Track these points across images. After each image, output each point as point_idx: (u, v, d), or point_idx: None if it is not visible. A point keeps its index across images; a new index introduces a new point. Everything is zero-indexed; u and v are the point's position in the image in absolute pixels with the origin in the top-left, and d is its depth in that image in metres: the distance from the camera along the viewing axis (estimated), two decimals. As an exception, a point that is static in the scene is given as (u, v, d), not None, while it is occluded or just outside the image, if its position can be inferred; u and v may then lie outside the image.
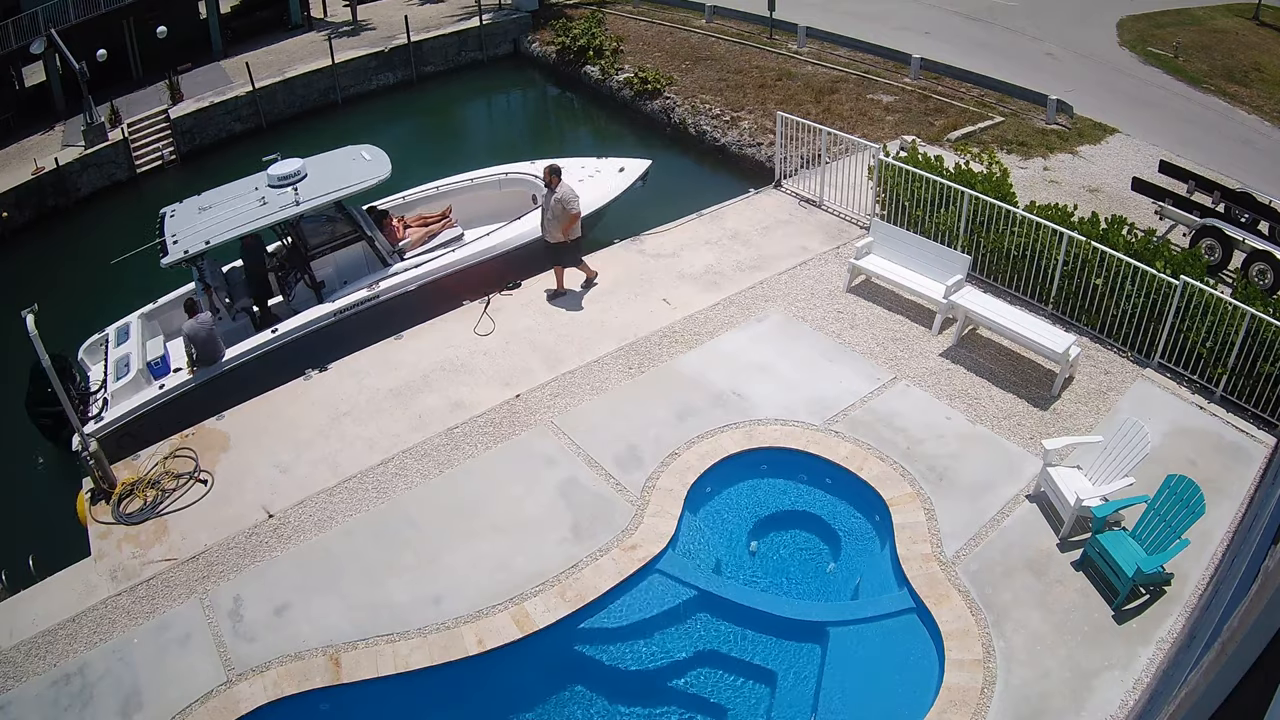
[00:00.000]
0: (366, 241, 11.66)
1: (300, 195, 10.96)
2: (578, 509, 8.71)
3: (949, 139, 16.55)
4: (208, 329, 10.54)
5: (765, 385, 10.13)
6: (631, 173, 13.87)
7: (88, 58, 20.47)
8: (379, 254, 11.63)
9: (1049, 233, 10.83)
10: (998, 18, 24.81)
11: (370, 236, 11.70)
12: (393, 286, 11.58)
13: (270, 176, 11.26)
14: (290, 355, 10.91)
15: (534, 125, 25.33)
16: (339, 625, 7.69)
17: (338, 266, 11.75)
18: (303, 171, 11.33)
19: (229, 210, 11.10)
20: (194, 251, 10.64)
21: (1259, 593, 2.76)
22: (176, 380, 10.65)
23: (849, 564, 8.42)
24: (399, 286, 11.60)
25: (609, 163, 14.11)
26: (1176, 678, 5.57)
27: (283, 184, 11.13)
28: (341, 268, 11.78)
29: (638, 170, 13.98)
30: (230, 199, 11.37)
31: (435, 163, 22.18)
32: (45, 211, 18.87)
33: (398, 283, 11.64)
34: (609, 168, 13.94)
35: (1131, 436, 8.13)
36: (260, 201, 11.03)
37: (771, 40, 23.06)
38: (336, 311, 11.15)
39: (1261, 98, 20.54)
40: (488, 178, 14.02)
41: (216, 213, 11.10)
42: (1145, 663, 7.01)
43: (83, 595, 8.18)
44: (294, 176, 11.20)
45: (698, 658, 7.71)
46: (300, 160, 11.58)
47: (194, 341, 10.47)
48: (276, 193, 11.09)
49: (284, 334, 11.01)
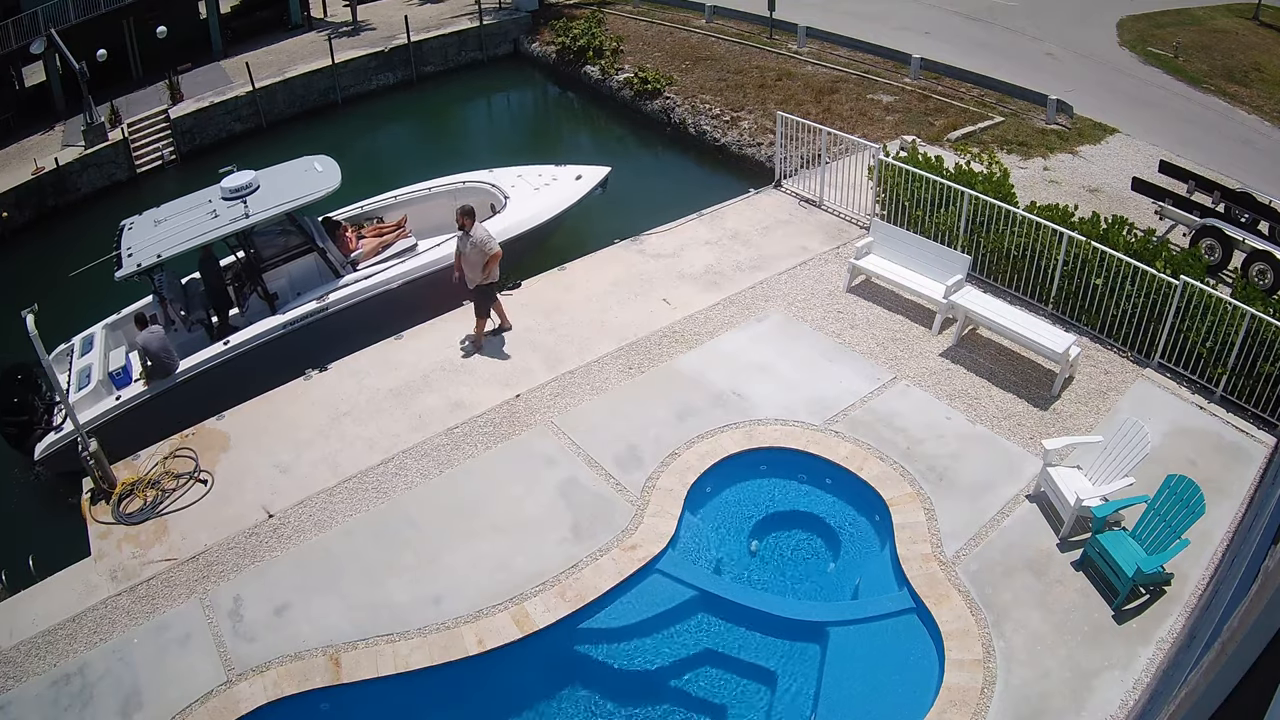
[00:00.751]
0: (318, 253, 11.66)
1: (250, 208, 10.99)
2: (578, 509, 8.71)
3: (949, 139, 16.55)
4: (160, 341, 10.58)
5: (765, 385, 10.13)
6: (589, 180, 13.85)
7: (88, 58, 20.48)
8: (331, 265, 11.62)
9: (1049, 233, 10.84)
10: (998, 18, 24.81)
11: (322, 248, 11.70)
12: (344, 298, 11.53)
13: (223, 189, 11.28)
14: (248, 366, 10.92)
15: (534, 125, 25.33)
16: (339, 625, 7.69)
17: (291, 278, 11.78)
18: (254, 184, 11.35)
19: (183, 223, 11.12)
20: (147, 265, 10.67)
21: (1259, 593, 2.76)
22: (133, 392, 10.68)
23: (849, 564, 8.42)
24: (351, 297, 11.56)
25: (566, 170, 14.06)
26: (1176, 678, 5.57)
27: (234, 197, 11.15)
28: (295, 279, 11.80)
29: (596, 177, 13.94)
30: (185, 212, 11.40)
31: (435, 163, 22.19)
32: (45, 211, 18.87)
33: (350, 294, 11.60)
34: (566, 175, 13.92)
35: (1131, 436, 8.13)
36: (212, 214, 11.06)
37: (771, 40, 23.06)
38: (288, 323, 11.15)
39: (1261, 98, 20.54)
40: (444, 186, 13.98)
41: (171, 225, 11.12)
42: (1145, 663, 7.01)
43: (83, 595, 8.18)
44: (245, 189, 11.22)
45: (698, 658, 7.71)
46: (253, 173, 11.57)
47: (147, 354, 10.52)
48: (228, 206, 11.12)
49: (235, 346, 11.02)
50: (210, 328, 11.66)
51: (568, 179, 13.81)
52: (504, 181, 13.76)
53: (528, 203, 13.23)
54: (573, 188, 13.66)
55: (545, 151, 23.32)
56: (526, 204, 13.21)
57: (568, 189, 13.63)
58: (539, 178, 13.81)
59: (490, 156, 22.98)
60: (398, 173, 21.38)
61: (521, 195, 13.39)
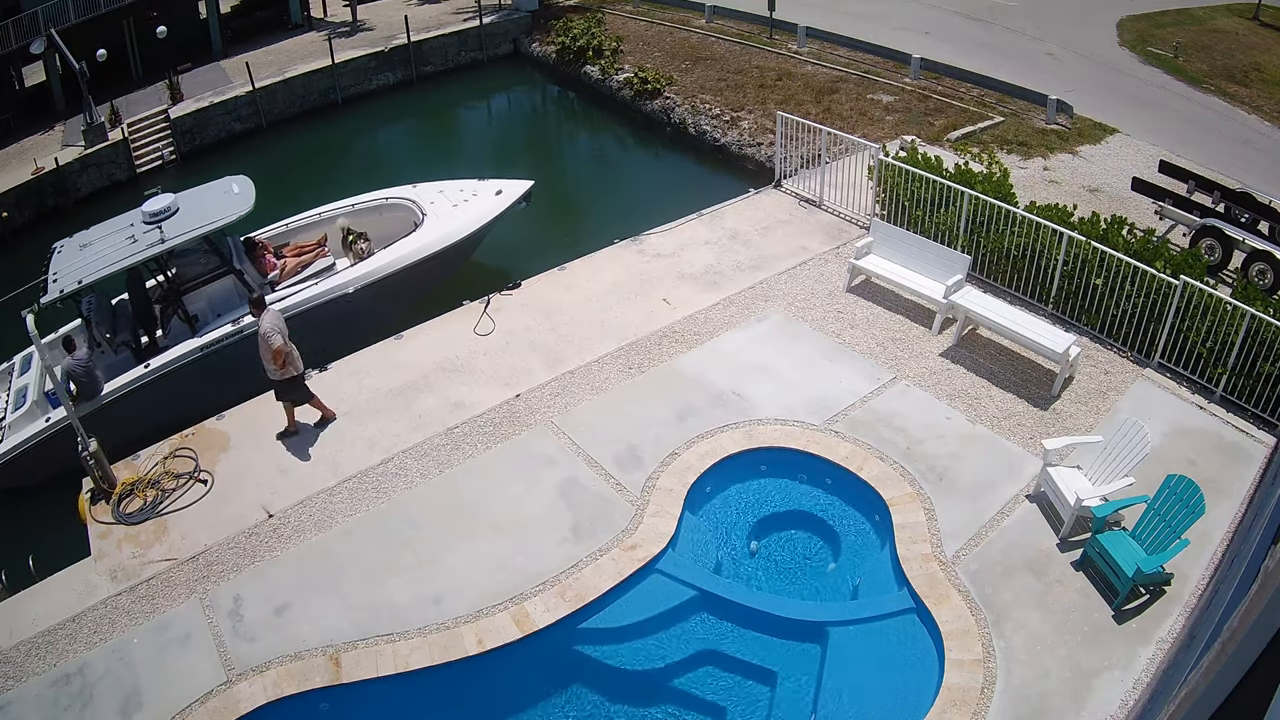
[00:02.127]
0: (235, 275, 11.68)
1: (165, 233, 11.03)
2: (578, 509, 8.71)
3: (949, 139, 16.55)
4: (83, 365, 10.62)
5: (765, 385, 10.13)
6: (510, 194, 13.73)
7: (88, 58, 20.47)
8: (248, 286, 11.64)
9: (1049, 233, 10.84)
10: (998, 18, 24.81)
11: (239, 270, 11.70)
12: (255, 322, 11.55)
13: (144, 213, 11.31)
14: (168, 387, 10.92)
15: (533, 125, 25.33)
16: (339, 625, 7.69)
17: (210, 300, 11.83)
18: (173, 207, 11.37)
19: (106, 247, 11.15)
20: (69, 291, 10.70)
21: (1259, 593, 2.76)
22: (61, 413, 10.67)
23: (849, 564, 8.42)
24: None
25: (487, 185, 13.93)
26: (1176, 678, 5.57)
27: (153, 221, 11.18)
28: (214, 301, 11.85)
29: (517, 191, 13.83)
30: (108, 235, 11.41)
31: (435, 162, 22.22)
32: (45, 211, 18.86)
33: None
34: (486, 190, 13.79)
35: (1131, 436, 8.13)
36: (131, 240, 11.09)
37: (771, 40, 23.06)
38: (204, 345, 11.17)
39: (1261, 98, 20.54)
40: (369, 203, 13.88)
41: (95, 249, 11.14)
42: (1145, 663, 7.01)
43: (83, 595, 8.18)
44: (163, 213, 11.25)
45: (698, 658, 7.71)
46: (173, 196, 11.59)
47: (72, 378, 10.58)
48: (145, 230, 11.16)
49: (156, 369, 11.02)
50: (136, 350, 11.65)
51: (488, 194, 13.68)
52: (424, 197, 13.60)
53: (446, 219, 13.07)
54: (492, 203, 13.52)
55: (544, 151, 23.38)
56: (444, 221, 13.04)
57: (487, 204, 13.48)
58: (459, 193, 13.69)
59: (490, 156, 23.03)
60: (397, 173, 21.41)
61: (440, 212, 13.22)
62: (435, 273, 12.84)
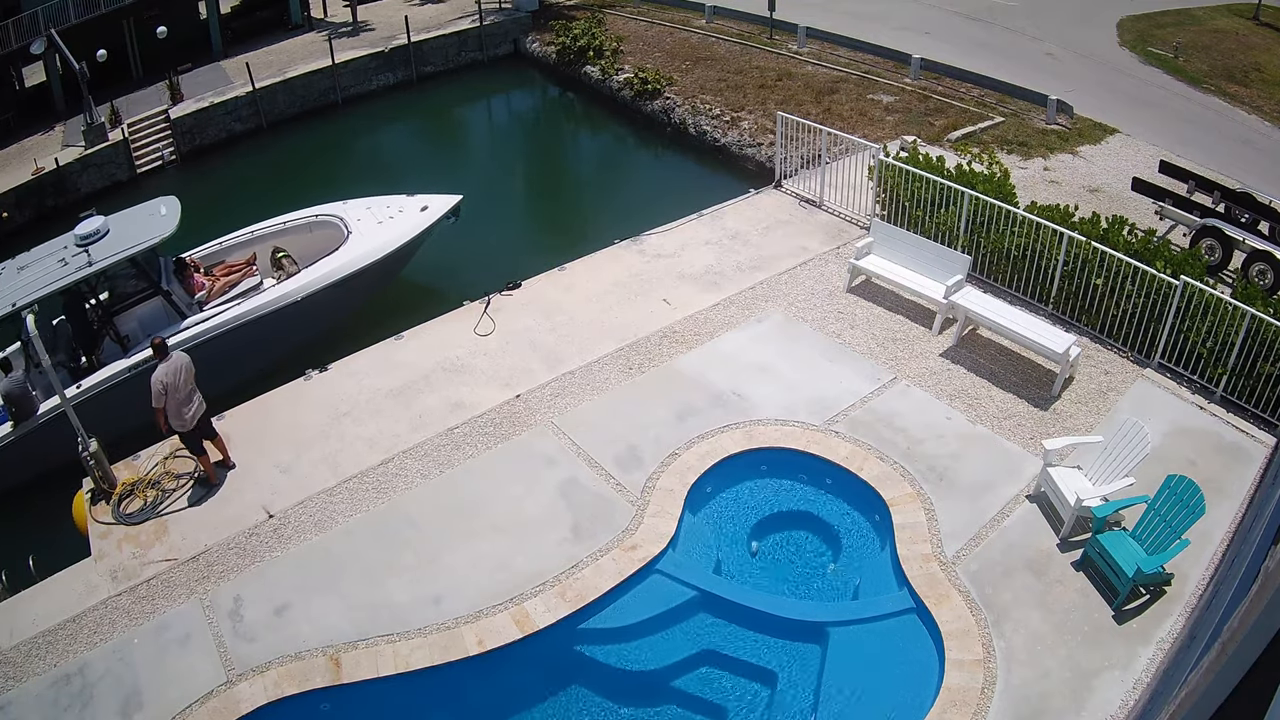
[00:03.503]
0: (162, 296, 11.73)
1: (92, 256, 11.11)
2: (578, 509, 8.71)
3: (949, 139, 16.55)
4: (20, 386, 10.68)
5: (765, 385, 10.13)
6: (436, 210, 13.69)
7: (88, 58, 20.47)
8: (175, 307, 11.71)
9: (1049, 233, 10.84)
10: (998, 18, 24.81)
11: (167, 290, 11.75)
12: (186, 339, 11.51)
13: (76, 236, 11.38)
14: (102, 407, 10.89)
15: (534, 126, 25.34)
16: (339, 625, 7.69)
17: (140, 320, 11.88)
18: (103, 230, 11.43)
19: (40, 270, 11.24)
20: (2, 314, 10.73)
21: (1259, 593, 2.77)
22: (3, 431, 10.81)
23: (849, 564, 8.42)
24: (193, 339, 11.55)
25: (414, 201, 13.89)
26: (1176, 678, 5.57)
27: (83, 243, 11.26)
28: (144, 321, 11.89)
29: (443, 207, 13.77)
30: (43, 258, 11.49)
31: (435, 162, 22.22)
32: (45, 212, 18.85)
33: (191, 335, 11.60)
34: (412, 206, 13.76)
35: (1131, 436, 8.13)
36: (62, 262, 11.19)
37: (771, 40, 23.06)
38: (132, 366, 11.22)
39: (1261, 98, 20.54)
40: (299, 220, 13.89)
41: (31, 272, 11.23)
42: (1145, 663, 7.01)
43: (83, 595, 8.18)
44: (93, 236, 11.30)
45: (698, 658, 7.72)
46: (103, 218, 11.64)
47: (8, 399, 10.64)
48: (74, 254, 11.24)
49: (87, 389, 11.07)
50: (73, 370, 11.68)
51: (413, 210, 13.67)
52: (352, 214, 13.58)
53: (369, 237, 13.05)
54: (417, 219, 13.51)
55: (545, 151, 23.38)
56: (368, 238, 13.02)
57: (412, 220, 13.48)
58: (386, 209, 13.68)
59: (490, 157, 23.04)
60: (397, 173, 21.41)
61: (364, 229, 13.20)
62: (359, 290, 12.85)
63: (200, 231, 14.02)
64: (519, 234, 18.06)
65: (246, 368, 11.57)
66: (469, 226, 17.83)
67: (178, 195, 12.57)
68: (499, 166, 22.42)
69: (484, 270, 13.86)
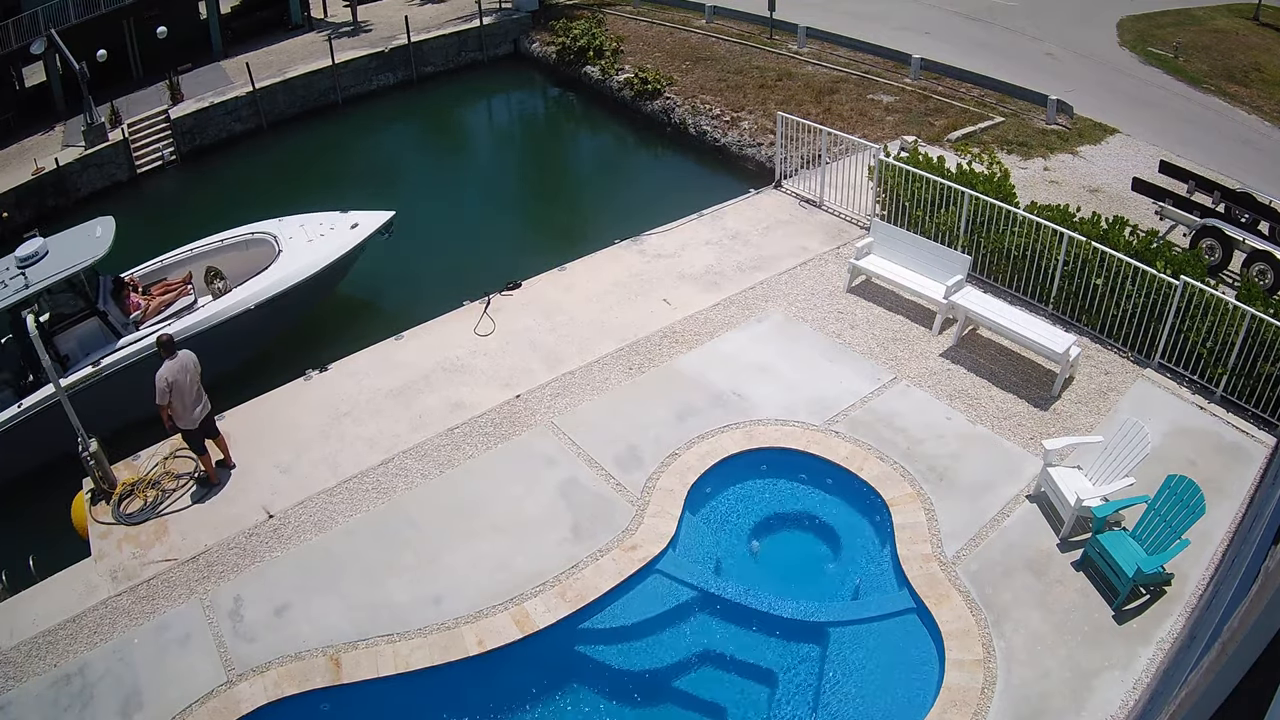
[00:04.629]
0: (99, 317, 11.76)
1: (29, 278, 11.19)
2: (578, 509, 8.71)
3: (949, 139, 16.55)
4: None
5: (765, 385, 10.13)
6: (366, 227, 13.65)
7: (88, 58, 20.47)
8: (111, 327, 11.75)
9: (1049, 233, 10.84)
10: (998, 18, 24.81)
11: (103, 311, 11.79)
12: (120, 359, 11.57)
13: (16, 258, 11.44)
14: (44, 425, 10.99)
15: (534, 126, 25.34)
16: (339, 625, 7.69)
17: (79, 340, 11.89)
18: (42, 252, 11.49)
19: None
20: None
21: (1259, 593, 2.77)
22: None
23: (849, 564, 8.42)
24: (128, 358, 11.59)
25: (346, 218, 13.84)
26: (1176, 678, 5.57)
27: (22, 266, 11.32)
28: (83, 341, 11.90)
29: (374, 224, 13.73)
30: None
31: (435, 163, 22.24)
32: (45, 212, 18.84)
33: (126, 355, 11.64)
34: (343, 224, 13.71)
35: (1131, 436, 8.13)
36: (2, 284, 11.27)
37: (772, 40, 23.06)
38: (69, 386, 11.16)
39: (1261, 98, 20.53)
40: (235, 238, 13.86)
41: None
42: (1145, 663, 7.01)
43: (83, 595, 8.18)
44: (32, 258, 11.37)
45: (698, 658, 7.72)
46: (42, 240, 11.71)
47: None
48: (13, 276, 11.32)
49: (28, 407, 11.16)
50: (17, 389, 11.74)
51: (344, 227, 13.63)
52: (284, 232, 13.55)
53: (300, 254, 13.02)
54: (347, 236, 13.47)
55: (545, 151, 23.38)
56: (298, 256, 12.99)
57: (343, 238, 13.44)
58: (318, 226, 13.65)
59: (489, 157, 23.04)
60: (397, 174, 21.42)
61: (295, 247, 13.17)
62: (289, 309, 12.82)
63: (199, 233, 14.03)
64: (519, 234, 18.07)
65: None
66: (469, 226, 17.88)
67: (178, 195, 12.63)
68: (498, 167, 22.42)
69: (484, 270, 13.86)
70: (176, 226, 16.60)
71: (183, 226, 12.91)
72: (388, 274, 15.48)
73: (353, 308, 14.77)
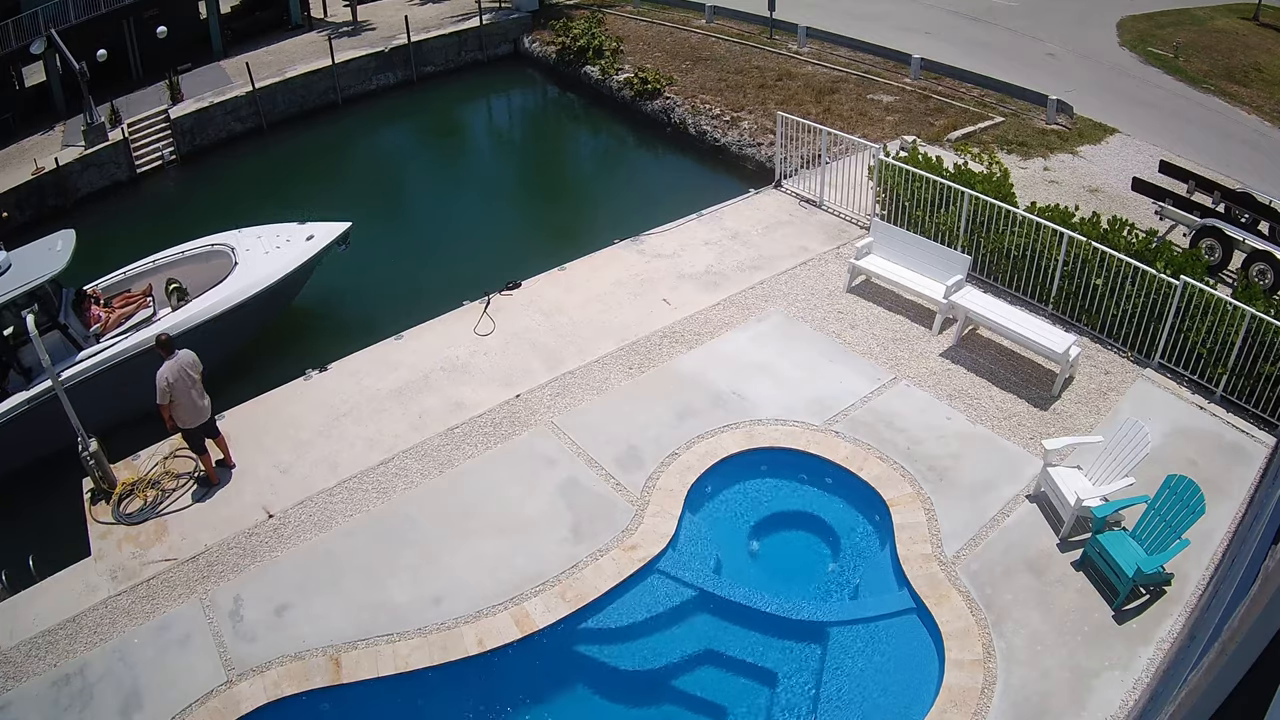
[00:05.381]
0: (59, 330, 11.74)
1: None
2: (578, 509, 8.71)
3: (949, 139, 16.55)
4: None
5: (765, 385, 10.13)
6: (322, 239, 13.59)
7: (88, 58, 20.45)
8: (72, 339, 11.75)
9: (1049, 233, 10.84)
10: (998, 18, 24.82)
11: (64, 324, 11.77)
12: (80, 371, 11.54)
13: None
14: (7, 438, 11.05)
15: (534, 126, 25.35)
16: (339, 625, 7.69)
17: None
18: (4, 265, 11.53)
19: None
20: None
21: (1259, 593, 2.76)
22: None
23: (849, 564, 8.42)
24: (87, 371, 11.57)
25: (302, 230, 13.75)
26: (1176, 678, 5.56)
27: None
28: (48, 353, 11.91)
29: (330, 235, 13.67)
30: None
31: (436, 163, 22.24)
32: (45, 212, 18.85)
33: (85, 368, 11.62)
34: (299, 235, 13.66)
35: (1131, 436, 8.13)
36: None
37: (772, 40, 23.06)
38: (31, 398, 11.30)
39: (1261, 98, 20.54)
40: (195, 250, 13.79)
41: None
42: (1145, 663, 7.01)
43: (83, 595, 8.18)
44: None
45: (698, 658, 7.71)
46: (5, 253, 11.75)
47: None
48: None
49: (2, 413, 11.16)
50: None
51: (300, 239, 13.59)
52: (242, 244, 13.50)
53: (256, 267, 12.99)
54: (303, 248, 13.42)
55: (545, 151, 23.38)
56: (254, 268, 12.96)
57: (298, 249, 13.40)
58: (275, 238, 13.62)
59: (489, 157, 23.04)
60: (396, 175, 21.42)
61: (251, 260, 13.12)
62: (246, 321, 12.78)
63: (199, 232, 14.03)
64: (519, 234, 18.07)
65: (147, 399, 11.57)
66: (469, 226, 17.88)
67: (178, 195, 12.59)
68: (498, 166, 22.43)
69: (484, 270, 13.87)
70: (176, 226, 16.58)
71: (183, 226, 12.90)
72: (387, 274, 15.49)
73: (352, 307, 14.77)
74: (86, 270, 13.16)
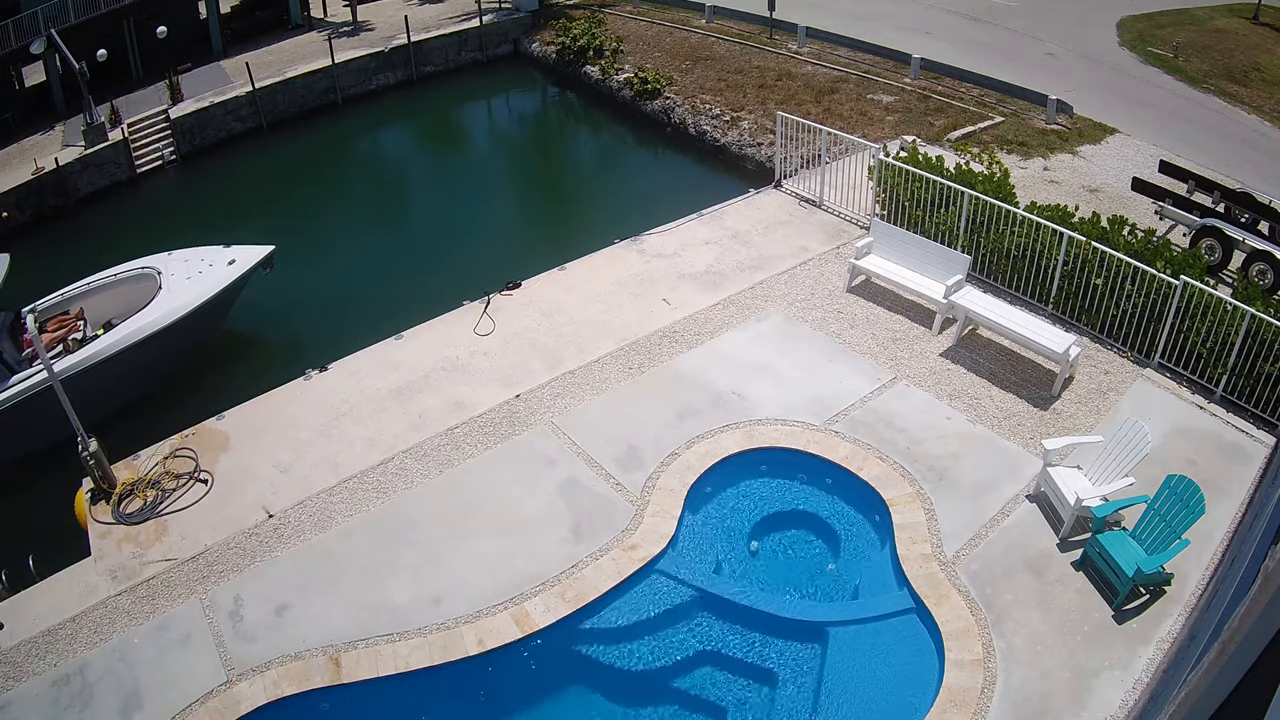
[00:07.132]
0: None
1: None
2: (578, 509, 8.71)
3: (949, 139, 16.55)
4: None
5: (765, 385, 10.13)
6: (244, 263, 13.45)
7: (88, 58, 20.45)
8: (5, 364, 11.73)
9: (1049, 233, 10.84)
10: (998, 18, 24.81)
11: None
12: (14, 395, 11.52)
13: None
14: None
15: (534, 126, 25.34)
16: (339, 625, 7.69)
17: None
18: None
19: None
20: None
21: (1259, 593, 2.76)
22: None
23: (849, 564, 8.42)
24: (18, 395, 11.55)
25: (225, 254, 13.61)
26: (1176, 678, 5.57)
27: None
28: None
29: (252, 259, 13.54)
30: None
31: (436, 164, 22.24)
32: (45, 211, 18.85)
33: (18, 391, 11.59)
34: (221, 260, 13.49)
35: (1131, 436, 8.13)
36: None
37: (771, 40, 23.06)
38: None
39: (1261, 98, 20.54)
40: (127, 273, 13.67)
41: None
42: (1145, 663, 7.01)
43: (83, 595, 8.18)
44: None
45: (698, 658, 7.71)
46: None
47: None
48: None
49: None
50: None
51: (222, 264, 13.40)
52: (168, 268, 13.37)
53: (179, 292, 12.89)
54: (224, 272, 13.31)
55: (545, 151, 23.38)
56: (176, 294, 12.86)
57: (220, 274, 13.23)
58: (200, 262, 13.50)
59: (489, 157, 23.04)
60: (397, 175, 21.43)
61: (175, 285, 13.00)
62: (172, 344, 12.69)
63: (199, 232, 14.02)
64: (519, 234, 18.07)
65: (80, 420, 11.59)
66: (469, 226, 17.88)
67: (178, 195, 12.56)
68: (498, 166, 22.42)
69: (484, 270, 13.87)
70: (176, 226, 16.61)
71: (183, 226, 12.87)
72: (387, 274, 15.50)
73: (352, 307, 14.77)
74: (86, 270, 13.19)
